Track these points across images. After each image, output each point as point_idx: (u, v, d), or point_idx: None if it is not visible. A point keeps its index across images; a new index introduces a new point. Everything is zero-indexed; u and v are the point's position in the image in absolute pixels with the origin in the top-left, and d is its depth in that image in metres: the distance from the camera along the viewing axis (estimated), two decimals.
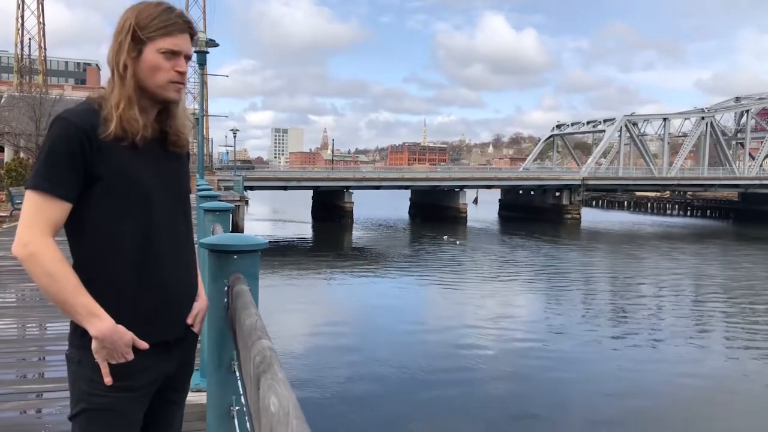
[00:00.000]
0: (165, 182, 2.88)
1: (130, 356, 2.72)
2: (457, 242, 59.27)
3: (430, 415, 16.80)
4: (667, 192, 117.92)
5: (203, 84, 32.51)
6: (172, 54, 2.81)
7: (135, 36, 2.74)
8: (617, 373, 20.83)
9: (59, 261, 2.59)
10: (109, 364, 2.70)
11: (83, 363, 2.73)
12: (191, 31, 2.89)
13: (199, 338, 3.13)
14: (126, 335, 2.69)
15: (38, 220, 2.60)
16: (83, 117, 2.68)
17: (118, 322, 2.68)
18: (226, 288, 3.12)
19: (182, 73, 2.88)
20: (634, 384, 19.78)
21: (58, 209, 2.63)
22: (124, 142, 2.72)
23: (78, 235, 2.74)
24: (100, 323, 2.63)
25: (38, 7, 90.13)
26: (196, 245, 3.16)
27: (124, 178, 2.70)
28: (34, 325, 9.58)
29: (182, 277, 2.95)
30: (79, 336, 2.73)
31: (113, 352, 2.68)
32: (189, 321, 2.99)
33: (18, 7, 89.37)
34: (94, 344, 2.66)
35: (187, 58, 2.91)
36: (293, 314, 28.16)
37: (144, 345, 2.75)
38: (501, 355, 22.59)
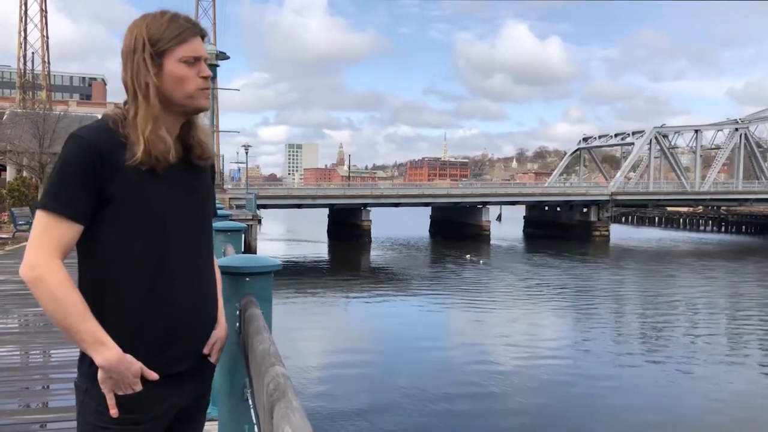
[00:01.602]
0: (184, 200, 2.85)
1: (138, 387, 2.67)
2: (480, 261, 59.19)
3: None
4: (700, 207, 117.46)
5: (214, 98, 32.59)
6: (194, 60, 2.81)
7: (151, 51, 2.73)
8: (649, 397, 20.68)
9: (67, 285, 2.56)
10: (116, 395, 2.65)
11: (90, 393, 2.69)
12: (202, 33, 2.88)
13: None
14: (134, 365, 2.65)
15: (47, 242, 2.58)
16: (97, 135, 2.66)
17: (126, 350, 2.64)
18: (238, 311, 3.12)
19: (207, 78, 2.88)
20: (666, 409, 19.65)
21: (68, 230, 2.60)
22: (144, 165, 2.69)
23: (88, 257, 2.71)
24: (107, 352, 2.59)
25: (41, 20, 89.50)
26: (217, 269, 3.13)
27: (136, 197, 2.67)
28: (37, 352, 9.50)
29: (199, 302, 2.90)
30: (88, 364, 2.68)
31: (120, 382, 2.64)
32: (206, 351, 2.94)
33: (20, 20, 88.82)
34: (100, 374, 2.63)
35: (205, 61, 2.90)
36: (308, 339, 28.14)
37: (153, 376, 2.70)
38: (528, 379, 22.49)
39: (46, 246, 2.58)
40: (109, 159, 2.62)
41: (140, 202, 2.68)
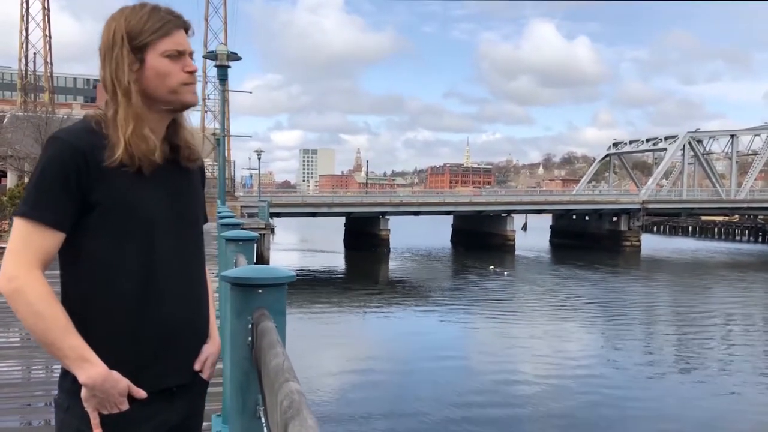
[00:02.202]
0: (173, 206, 2.81)
1: (125, 406, 2.64)
2: (505, 273, 59.08)
3: None
4: (736, 216, 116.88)
5: (224, 101, 32.59)
6: (178, 54, 2.76)
7: (131, 46, 2.69)
8: (681, 415, 20.62)
9: (47, 298, 2.51)
10: (101, 414, 2.62)
11: (72, 410, 2.65)
12: (185, 26, 2.82)
13: (222, 384, 3.08)
14: (120, 383, 2.61)
15: (26, 251, 2.53)
16: (80, 137, 2.62)
17: (112, 366, 2.60)
18: (250, 325, 3.10)
19: (193, 73, 2.83)
20: (700, 427, 19.57)
21: (49, 239, 2.56)
22: (129, 168, 2.65)
23: (71, 267, 2.68)
24: (91, 369, 2.55)
25: (44, 19, 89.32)
26: (215, 278, 3.12)
27: (123, 203, 2.64)
28: (39, 367, 9.49)
29: (189, 315, 2.88)
30: (70, 380, 2.63)
31: (105, 401, 2.60)
32: (197, 367, 2.92)
33: (22, 19, 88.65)
34: (83, 392, 2.58)
35: (191, 55, 2.84)
36: (324, 353, 28.14)
37: (141, 394, 2.67)
38: (555, 395, 22.43)
39: (25, 256, 2.53)
40: (93, 162, 2.59)
41: (128, 208, 2.65)
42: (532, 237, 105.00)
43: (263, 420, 3.02)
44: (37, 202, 2.55)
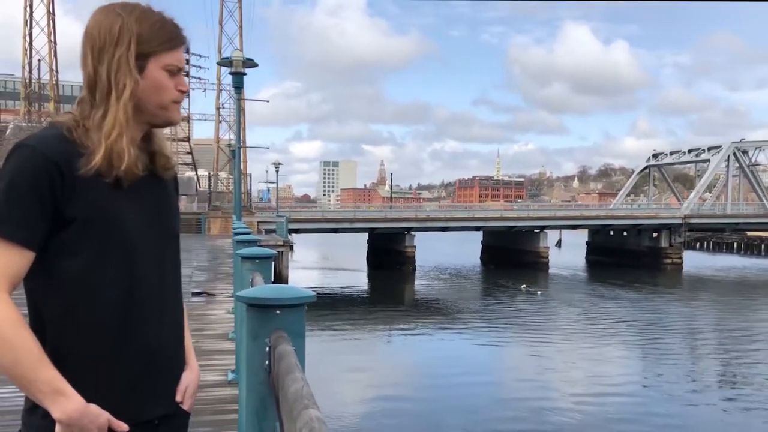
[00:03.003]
0: (153, 219, 2.75)
1: None
2: (538, 292, 58.97)
3: None
4: None
5: (240, 111, 32.59)
6: (177, 71, 2.74)
7: (138, 50, 2.64)
8: None
9: (17, 325, 2.38)
10: None
11: None
12: (187, 43, 2.81)
13: (238, 410, 3.06)
14: (100, 416, 2.51)
15: None
16: (52, 145, 2.52)
17: (90, 398, 2.49)
18: (267, 348, 3.10)
19: (184, 92, 2.81)
20: None
21: (18, 258, 2.44)
22: (106, 178, 2.58)
23: (42, 290, 2.57)
24: (67, 403, 2.43)
25: (49, 24, 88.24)
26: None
27: (101, 217, 2.55)
28: (7, 392, 9.11)
29: (171, 340, 2.84)
30: (41, 415, 2.50)
31: None
32: (178, 397, 2.86)
33: (25, 24, 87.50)
34: (58, 428, 2.45)
35: (186, 74, 2.85)
36: (346, 378, 28.12)
37: (123, 427, 2.58)
38: (592, 423, 22.33)
39: None
40: (68, 173, 2.49)
41: (106, 223, 2.56)
42: (566, 254, 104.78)
43: None
44: (4, 217, 2.42)
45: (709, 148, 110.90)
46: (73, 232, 2.52)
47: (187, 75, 2.87)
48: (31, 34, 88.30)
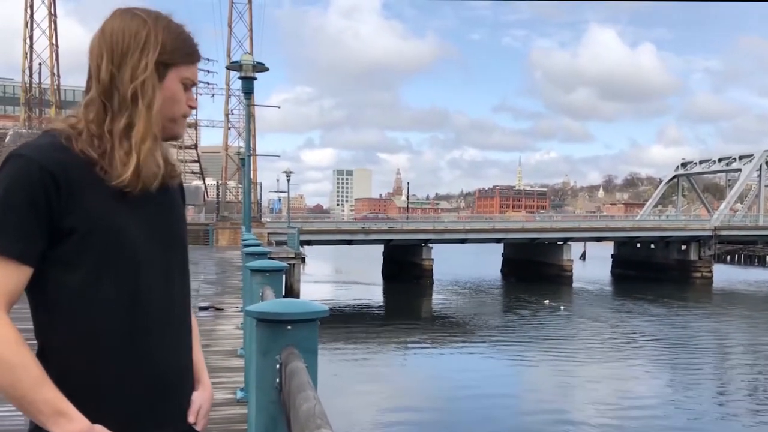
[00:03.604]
0: (157, 230, 2.71)
1: None
2: (561, 307, 58.75)
3: None
4: None
5: (250, 117, 32.54)
6: (190, 85, 2.78)
7: (160, 59, 2.64)
8: None
9: (15, 344, 2.34)
10: None
11: None
12: (200, 59, 2.84)
13: (247, 430, 3.04)
14: None
15: None
16: (48, 154, 2.48)
17: (95, 420, 2.46)
18: (278, 365, 3.10)
19: (193, 108, 2.85)
20: None
21: (15, 275, 2.41)
22: (130, 190, 2.57)
23: (42, 307, 2.55)
24: (70, 425, 2.39)
25: (50, 26, 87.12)
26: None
27: (103, 228, 2.51)
28: (6, 411, 9.13)
29: (180, 356, 2.80)
30: None
31: None
32: (191, 418, 2.84)
33: (26, 26, 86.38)
34: None
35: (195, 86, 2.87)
36: (360, 397, 28.11)
37: None
38: None
39: None
40: (66, 183, 2.46)
41: (108, 234, 2.53)
42: (591, 267, 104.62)
43: None
44: (1, 231, 2.39)
45: (741, 157, 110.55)
46: (72, 244, 2.49)
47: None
48: (31, 37, 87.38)
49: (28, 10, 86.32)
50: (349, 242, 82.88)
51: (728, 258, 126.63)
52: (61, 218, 2.45)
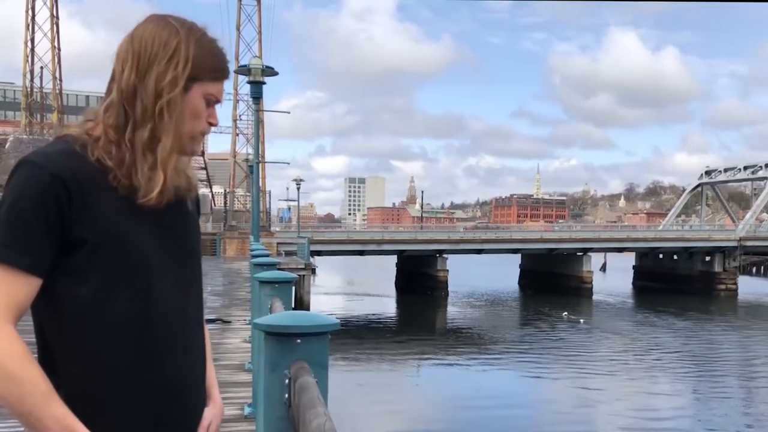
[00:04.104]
0: (170, 241, 2.69)
1: None
2: (581, 320, 58.71)
3: None
4: None
5: (259, 123, 32.48)
6: (214, 102, 2.74)
7: (190, 74, 2.62)
8: None
9: (23, 358, 2.32)
10: None
11: None
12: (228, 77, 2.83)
13: None
14: None
15: None
16: (61, 162, 2.45)
17: None
18: (287, 380, 3.09)
19: (214, 125, 2.81)
20: None
21: (23, 286, 2.38)
22: (153, 202, 2.57)
23: (49, 319, 2.52)
24: None
25: (52, 28, 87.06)
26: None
27: (114, 239, 2.49)
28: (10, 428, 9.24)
29: (191, 372, 2.78)
30: None
31: None
32: None
33: (27, 29, 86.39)
34: None
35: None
36: (372, 413, 28.09)
37: None
38: None
39: None
40: (78, 192, 2.44)
41: (120, 245, 2.51)
42: (612, 279, 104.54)
43: None
44: (8, 241, 2.37)
45: (767, 165, 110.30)
46: (83, 255, 2.46)
47: None
48: (33, 39, 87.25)
49: (30, 12, 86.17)
50: (361, 253, 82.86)
51: (754, 270, 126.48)
52: (72, 228, 2.43)
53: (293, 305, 7.62)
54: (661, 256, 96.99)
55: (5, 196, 2.42)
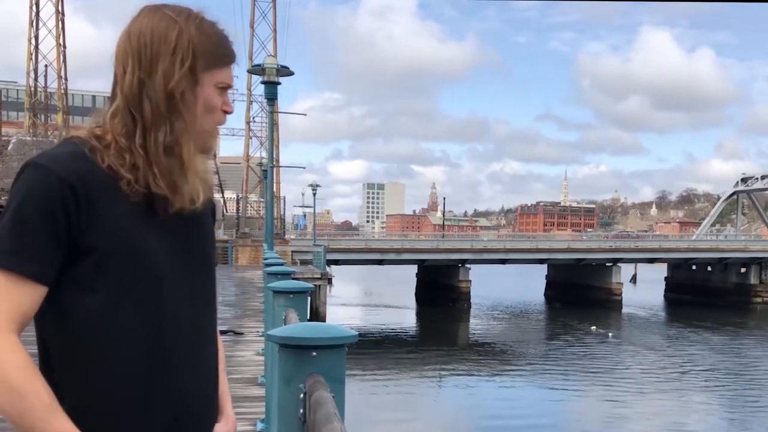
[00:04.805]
0: (184, 249, 2.64)
1: None
2: (610, 334, 58.52)
3: None
4: None
5: (273, 125, 32.44)
6: (225, 89, 2.68)
7: (194, 65, 2.54)
8: None
9: (27, 370, 2.28)
10: None
11: None
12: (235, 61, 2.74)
13: None
14: None
15: None
16: (69, 165, 2.41)
17: None
18: (302, 395, 3.09)
19: (229, 113, 2.74)
20: None
21: (29, 294, 2.34)
22: (175, 208, 2.53)
23: (55, 330, 2.48)
24: None
25: (57, 24, 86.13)
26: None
27: (124, 247, 2.45)
28: None
29: (204, 387, 2.73)
30: None
31: None
32: None
33: (31, 25, 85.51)
34: None
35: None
36: (390, 429, 28.07)
37: None
38: None
39: None
40: (86, 197, 2.39)
41: (130, 254, 2.46)
42: (642, 291, 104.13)
43: None
44: (14, 247, 2.33)
45: None
46: (91, 264, 2.42)
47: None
48: (37, 36, 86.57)
49: (34, 8, 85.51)
50: (380, 262, 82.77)
51: None
52: (80, 235, 2.40)
53: (308, 316, 7.61)
54: (694, 267, 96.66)
55: (10, 200, 2.38)
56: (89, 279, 2.42)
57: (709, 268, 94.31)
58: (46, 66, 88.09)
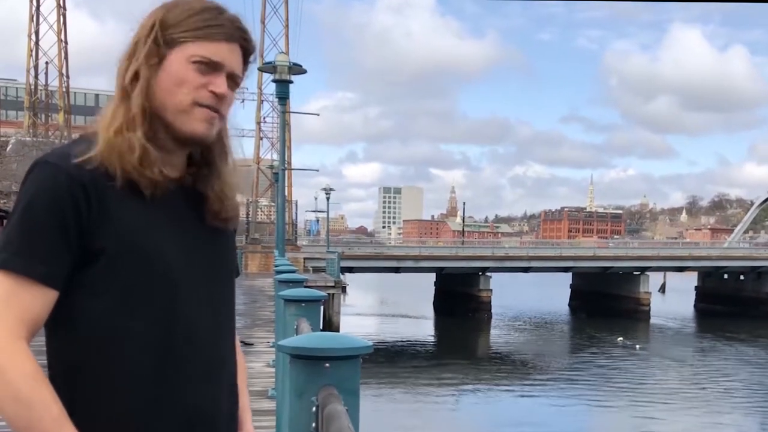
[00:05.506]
0: (201, 257, 2.62)
1: None
2: (637, 346, 58.42)
3: None
4: None
5: (285, 126, 32.34)
6: (208, 67, 2.52)
7: (158, 37, 2.48)
8: None
9: (35, 379, 2.25)
10: None
11: None
12: (244, 45, 2.64)
13: None
14: None
15: (7, 315, 2.27)
16: (78, 163, 2.39)
17: None
18: (314, 408, 3.09)
19: (218, 97, 2.56)
20: None
21: (39, 299, 2.32)
22: (139, 196, 2.44)
23: (63, 337, 2.46)
24: None
25: (59, 20, 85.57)
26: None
27: (135, 250, 2.42)
28: None
29: (221, 399, 2.68)
30: None
31: None
32: None
33: (31, 20, 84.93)
34: None
35: (232, 79, 2.62)
36: None
37: None
38: None
39: (7, 322, 2.27)
40: (97, 197, 2.38)
41: (142, 258, 2.44)
42: (671, 301, 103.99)
43: None
44: (23, 249, 2.31)
45: None
46: (101, 266, 2.40)
47: (234, 82, 2.65)
48: (37, 32, 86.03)
49: (34, 2, 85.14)
50: (397, 270, 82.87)
51: None
52: (91, 236, 2.38)
53: (321, 326, 7.62)
54: (726, 276, 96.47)
55: (19, 200, 2.39)
56: (98, 283, 2.40)
57: (742, 277, 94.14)
58: (46, 63, 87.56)
